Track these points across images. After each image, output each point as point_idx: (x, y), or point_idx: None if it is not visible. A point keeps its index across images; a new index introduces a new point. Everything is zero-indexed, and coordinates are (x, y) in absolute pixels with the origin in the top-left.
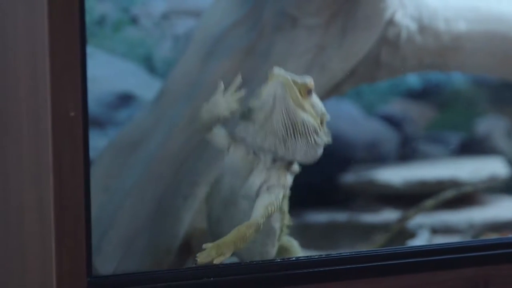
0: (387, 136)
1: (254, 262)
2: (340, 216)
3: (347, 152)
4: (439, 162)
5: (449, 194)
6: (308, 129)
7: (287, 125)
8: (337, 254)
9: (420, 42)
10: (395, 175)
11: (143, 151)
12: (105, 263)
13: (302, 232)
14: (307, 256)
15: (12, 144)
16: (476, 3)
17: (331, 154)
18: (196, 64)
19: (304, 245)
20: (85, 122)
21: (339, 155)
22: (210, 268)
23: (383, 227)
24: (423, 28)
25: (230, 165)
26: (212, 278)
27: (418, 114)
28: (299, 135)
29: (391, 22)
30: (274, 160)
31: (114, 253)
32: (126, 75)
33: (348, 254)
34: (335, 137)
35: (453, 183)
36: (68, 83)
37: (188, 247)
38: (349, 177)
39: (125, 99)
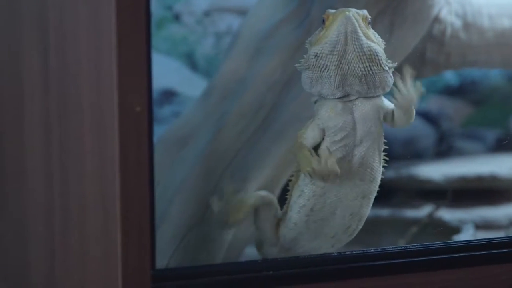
0: (425, 133)
1: (312, 256)
2: (383, 212)
3: (386, 148)
4: (476, 158)
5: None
6: (380, 58)
7: (362, 59)
8: (393, 248)
9: (464, 39)
10: (435, 170)
11: (192, 147)
12: (158, 258)
13: None
14: (364, 250)
15: (74, 140)
16: None
17: None
18: (243, 61)
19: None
20: (150, 117)
21: None
22: (269, 262)
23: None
24: (467, 25)
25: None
26: (271, 272)
27: (455, 111)
28: (375, 66)
29: (436, 19)
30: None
31: (166, 248)
32: (169, 72)
33: (404, 248)
34: None
35: (492, 179)
36: (134, 79)
37: None
38: (389, 173)
39: (169, 96)
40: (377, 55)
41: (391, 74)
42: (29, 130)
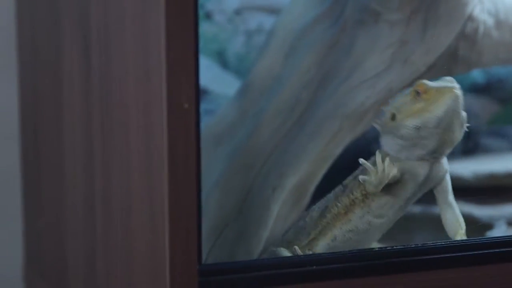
0: None
1: (354, 251)
2: (414, 208)
3: None
4: (503, 156)
5: None
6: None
7: (460, 131)
8: (432, 243)
9: (496, 37)
10: (464, 168)
11: (228, 144)
12: None
13: None
14: (407, 245)
15: (118, 137)
16: None
17: None
18: (278, 58)
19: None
20: (197, 113)
21: None
22: (313, 257)
23: None
24: (499, 23)
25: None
26: (314, 267)
27: (481, 109)
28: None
29: (469, 17)
30: None
31: (204, 243)
32: (201, 70)
33: (442, 244)
34: None
35: None
36: (183, 76)
37: None
38: None
39: (201, 94)
40: (464, 122)
41: None
42: (69, 128)
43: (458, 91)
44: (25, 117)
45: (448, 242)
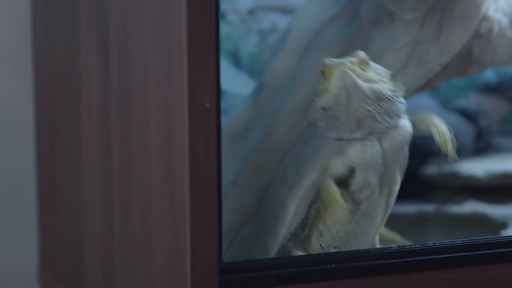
0: (463, 129)
1: (372, 250)
2: (428, 207)
3: (425, 145)
4: None
5: None
6: (386, 94)
7: (369, 102)
8: (450, 242)
9: (510, 36)
10: (477, 167)
11: (244, 144)
12: None
13: (389, 223)
14: (424, 244)
15: (137, 137)
16: None
17: (409, 146)
18: (294, 58)
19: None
20: (218, 113)
21: (418, 148)
22: (333, 255)
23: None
24: None
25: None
26: (333, 265)
27: (493, 108)
28: (383, 103)
29: (484, 17)
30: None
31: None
32: None
33: (467, 241)
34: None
35: None
36: (205, 75)
37: None
38: (432, 169)
39: None
40: (381, 93)
41: (402, 100)
42: (86, 127)
43: (346, 68)
44: (40, 116)
45: (461, 242)
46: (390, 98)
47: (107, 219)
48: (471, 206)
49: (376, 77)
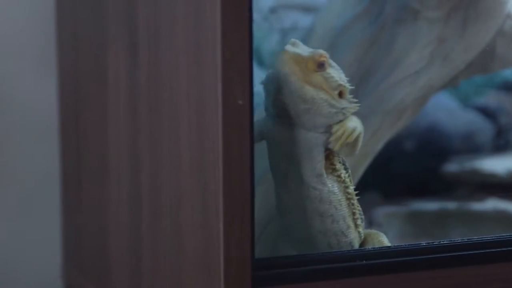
0: (483, 127)
1: (403, 246)
2: (450, 205)
3: (445, 143)
4: None
5: None
6: (318, 104)
7: (295, 101)
8: (478, 238)
9: None
10: (498, 164)
11: None
12: None
13: (411, 220)
14: (453, 240)
15: (167, 134)
16: None
17: (430, 144)
18: None
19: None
20: (251, 110)
21: (438, 145)
22: (362, 252)
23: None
24: None
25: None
26: (364, 261)
27: None
28: (312, 110)
29: (508, 15)
30: None
31: None
32: None
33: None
34: (434, 128)
35: None
36: (238, 72)
37: None
38: (453, 167)
39: None
40: (313, 101)
41: (339, 116)
42: (113, 125)
43: (287, 56)
44: (65, 113)
45: (479, 239)
46: (322, 109)
47: (135, 216)
48: (492, 203)
49: (318, 83)
